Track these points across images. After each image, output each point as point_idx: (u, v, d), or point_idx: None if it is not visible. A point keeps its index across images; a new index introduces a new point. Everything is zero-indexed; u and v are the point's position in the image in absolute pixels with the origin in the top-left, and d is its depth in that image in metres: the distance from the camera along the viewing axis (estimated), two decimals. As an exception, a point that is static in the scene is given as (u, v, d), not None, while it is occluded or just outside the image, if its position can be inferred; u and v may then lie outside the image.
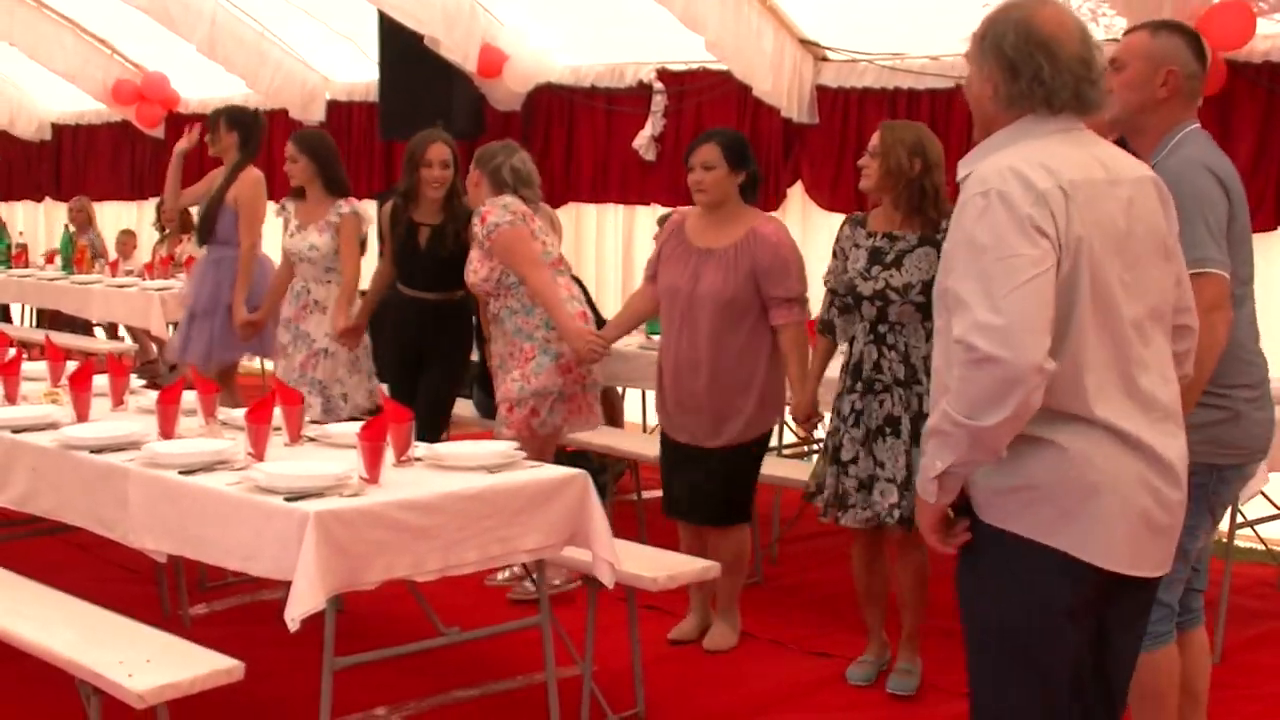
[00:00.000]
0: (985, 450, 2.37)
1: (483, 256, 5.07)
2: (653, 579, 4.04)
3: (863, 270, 4.31)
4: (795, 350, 4.62)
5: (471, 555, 3.53)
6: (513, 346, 5.11)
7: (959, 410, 2.35)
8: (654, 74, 8.06)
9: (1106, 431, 2.42)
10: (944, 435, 2.39)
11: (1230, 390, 3.15)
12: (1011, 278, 2.31)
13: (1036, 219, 2.36)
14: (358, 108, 9.83)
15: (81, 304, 9.16)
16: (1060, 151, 2.46)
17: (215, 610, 5.18)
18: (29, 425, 4.24)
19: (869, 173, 4.33)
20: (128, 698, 3.09)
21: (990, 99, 2.53)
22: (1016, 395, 2.29)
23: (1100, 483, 2.41)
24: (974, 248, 2.38)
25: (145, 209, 11.81)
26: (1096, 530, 2.41)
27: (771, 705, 4.37)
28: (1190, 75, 3.22)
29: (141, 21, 10.04)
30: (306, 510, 3.23)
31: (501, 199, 5.08)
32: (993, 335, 2.30)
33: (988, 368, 2.30)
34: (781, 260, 4.59)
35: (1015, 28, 2.49)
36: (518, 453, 3.83)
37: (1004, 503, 2.45)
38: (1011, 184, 2.37)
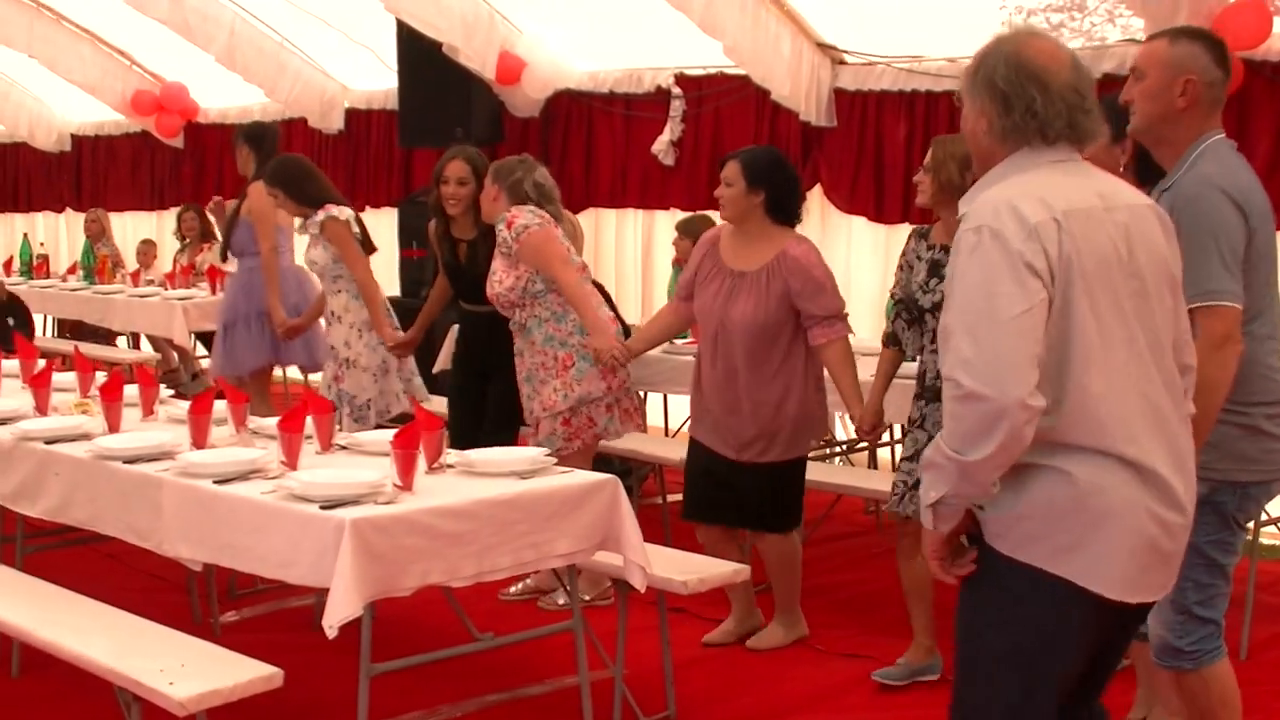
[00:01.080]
0: (974, 484, 2.41)
1: (508, 265, 5.03)
2: (683, 582, 4.07)
3: (922, 283, 4.37)
4: (842, 365, 4.64)
5: (505, 561, 3.57)
6: (545, 356, 5.06)
7: (949, 444, 2.38)
8: (672, 79, 8.08)
9: (1116, 461, 2.43)
10: (937, 468, 2.43)
11: (1249, 407, 3.12)
12: (995, 316, 2.34)
13: (1027, 255, 2.37)
14: (376, 115, 9.86)
15: (104, 314, 9.22)
16: (1055, 182, 2.47)
17: (245, 617, 5.22)
18: (61, 436, 4.29)
19: (924, 188, 4.36)
20: (169, 705, 3.12)
21: (985, 133, 2.54)
22: (1001, 430, 2.32)
23: (1108, 513, 2.42)
24: (964, 284, 2.41)
25: (165, 219, 11.86)
26: (1103, 560, 2.43)
27: (801, 707, 4.39)
28: (1211, 83, 3.15)
29: (160, 32, 10.08)
30: (343, 518, 3.26)
31: (527, 207, 5.10)
32: (976, 372, 2.32)
33: (972, 404, 2.33)
34: (815, 281, 4.61)
35: (1006, 60, 2.50)
36: (548, 459, 3.86)
37: (1014, 531, 2.47)
38: (1005, 220, 2.39)
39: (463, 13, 8.22)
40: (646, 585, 3.86)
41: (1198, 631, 3.18)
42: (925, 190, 4.35)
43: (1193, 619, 3.15)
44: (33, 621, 3.65)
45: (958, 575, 2.57)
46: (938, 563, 2.57)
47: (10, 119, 12.77)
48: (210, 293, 8.60)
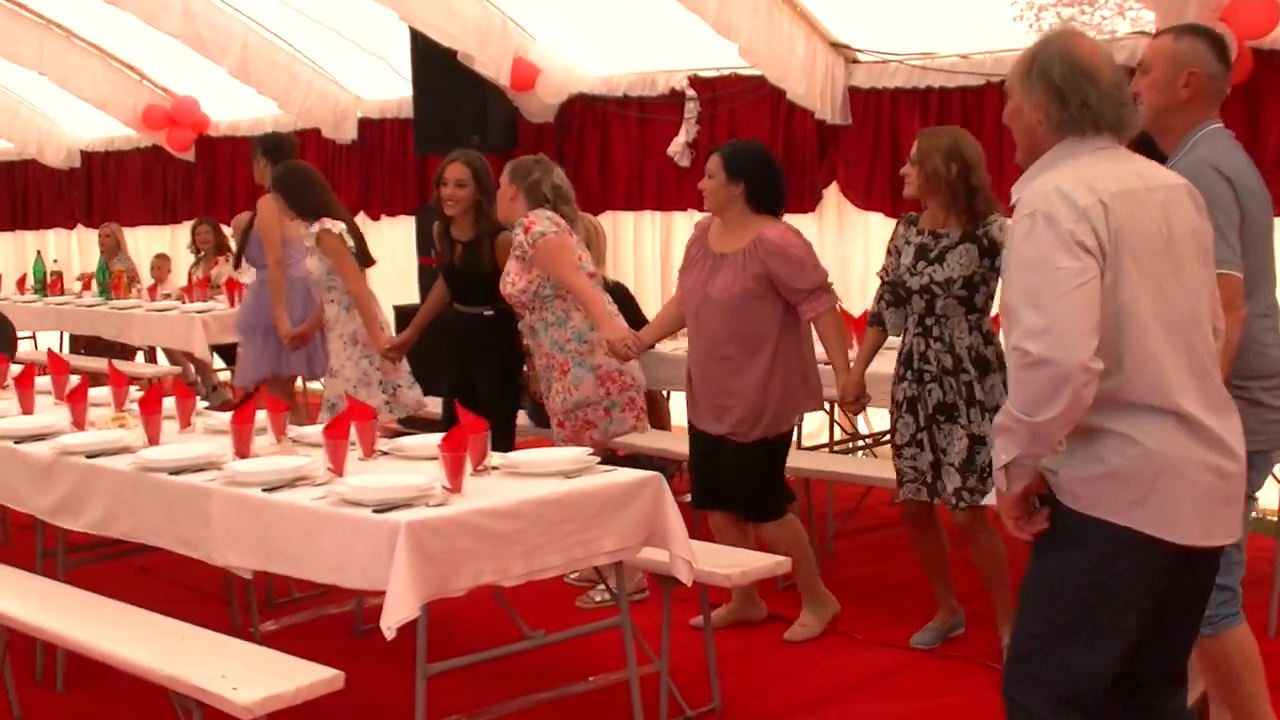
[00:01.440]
0: (1043, 443, 2.63)
1: (522, 268, 5.14)
2: (726, 575, 4.12)
3: (910, 266, 4.59)
4: (833, 335, 4.77)
5: (555, 559, 3.61)
6: (550, 359, 5.23)
7: (1018, 408, 2.61)
8: (685, 81, 8.11)
9: (1175, 418, 2.66)
10: (1008, 432, 2.65)
11: (1247, 381, 3.28)
12: (1055, 289, 2.58)
13: (1079, 234, 2.61)
14: (389, 125, 9.90)
15: (121, 329, 9.23)
16: (1100, 168, 2.70)
17: (284, 626, 5.25)
18: (102, 450, 4.33)
19: (910, 180, 4.59)
20: (234, 710, 3.16)
21: (1041, 125, 2.77)
22: (1066, 392, 2.55)
23: (1168, 467, 2.65)
24: (1022, 265, 2.65)
25: (178, 232, 11.91)
26: (1168, 509, 2.66)
27: (842, 695, 4.45)
28: (1212, 76, 3.38)
29: (169, 47, 10.12)
30: (397, 520, 3.30)
31: (544, 211, 5.18)
32: (1041, 340, 2.56)
33: (1039, 369, 2.56)
34: (792, 259, 4.72)
35: (1060, 59, 2.74)
36: (591, 458, 3.91)
37: (1085, 490, 2.68)
38: (1056, 204, 2.62)
39: (476, 20, 8.27)
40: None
41: (1215, 598, 3.24)
42: (912, 181, 4.58)
43: None
44: (87, 634, 3.68)
45: (1032, 533, 2.76)
46: (1013, 521, 2.76)
47: (19, 136, 12.82)
48: (228, 305, 8.64)
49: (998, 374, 4.52)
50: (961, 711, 4.25)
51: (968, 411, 4.52)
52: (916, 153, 4.56)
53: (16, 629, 4.01)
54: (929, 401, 4.57)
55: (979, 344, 4.56)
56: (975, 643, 4.69)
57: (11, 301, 10.28)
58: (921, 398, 4.58)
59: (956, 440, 4.53)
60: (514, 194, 5.24)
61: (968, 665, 4.63)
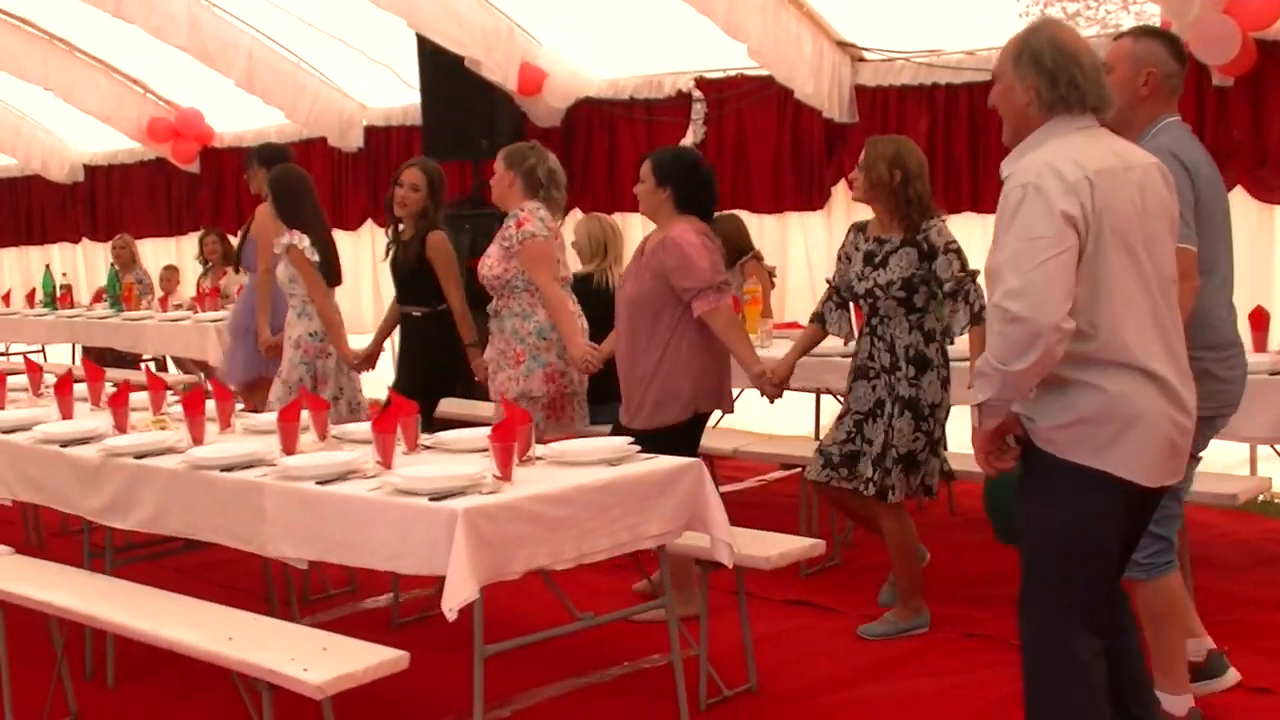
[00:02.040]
0: (1014, 390, 2.96)
1: (503, 256, 5.36)
2: (765, 558, 4.24)
3: (859, 272, 4.85)
4: (728, 329, 4.88)
5: (603, 543, 3.74)
6: (507, 346, 5.44)
7: (995, 357, 2.93)
8: (692, 83, 8.26)
9: (1142, 374, 2.99)
10: (985, 376, 2.98)
11: (1199, 351, 3.50)
12: (1035, 256, 2.88)
13: (1066, 208, 2.90)
14: (395, 132, 10.04)
15: (135, 340, 9.34)
16: (1084, 146, 2.99)
17: (321, 621, 5.32)
18: (150, 450, 4.44)
19: (858, 184, 4.86)
20: (306, 690, 3.27)
21: (1031, 105, 3.05)
22: (1039, 347, 2.85)
23: (1136, 416, 2.98)
24: (1009, 232, 2.93)
25: (184, 244, 12.02)
26: (1133, 454, 3.00)
27: (872, 675, 4.57)
28: (1168, 75, 3.73)
29: (173, 60, 10.25)
30: (455, 508, 3.42)
31: (540, 209, 5.39)
32: (1019, 300, 2.87)
33: (1016, 325, 2.87)
34: (684, 258, 4.79)
35: (1049, 44, 3.04)
36: (632, 446, 4.03)
37: (1059, 436, 3.02)
38: (1046, 178, 2.91)
39: (484, 28, 8.41)
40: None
41: (1152, 546, 3.67)
42: (859, 186, 4.84)
43: (1148, 535, 3.52)
44: (151, 624, 3.78)
45: (1000, 469, 3.12)
46: (984, 456, 3.11)
47: (22, 152, 12.92)
48: (239, 314, 8.73)
49: (934, 371, 4.78)
50: (985, 688, 4.38)
51: (892, 408, 4.77)
52: (864, 159, 4.80)
53: (78, 622, 4.12)
54: (867, 398, 4.85)
55: (919, 342, 4.78)
56: (998, 623, 4.81)
57: (22, 315, 10.39)
58: (857, 392, 4.88)
59: (878, 435, 4.79)
60: (511, 180, 5.44)
61: (991, 644, 4.76)
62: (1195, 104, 6.48)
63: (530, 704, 4.32)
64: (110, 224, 12.51)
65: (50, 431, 4.77)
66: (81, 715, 4.40)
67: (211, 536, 4.19)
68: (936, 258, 4.68)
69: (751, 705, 4.32)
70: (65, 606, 4.03)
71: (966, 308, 4.68)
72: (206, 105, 11.27)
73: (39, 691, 4.34)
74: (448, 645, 4.51)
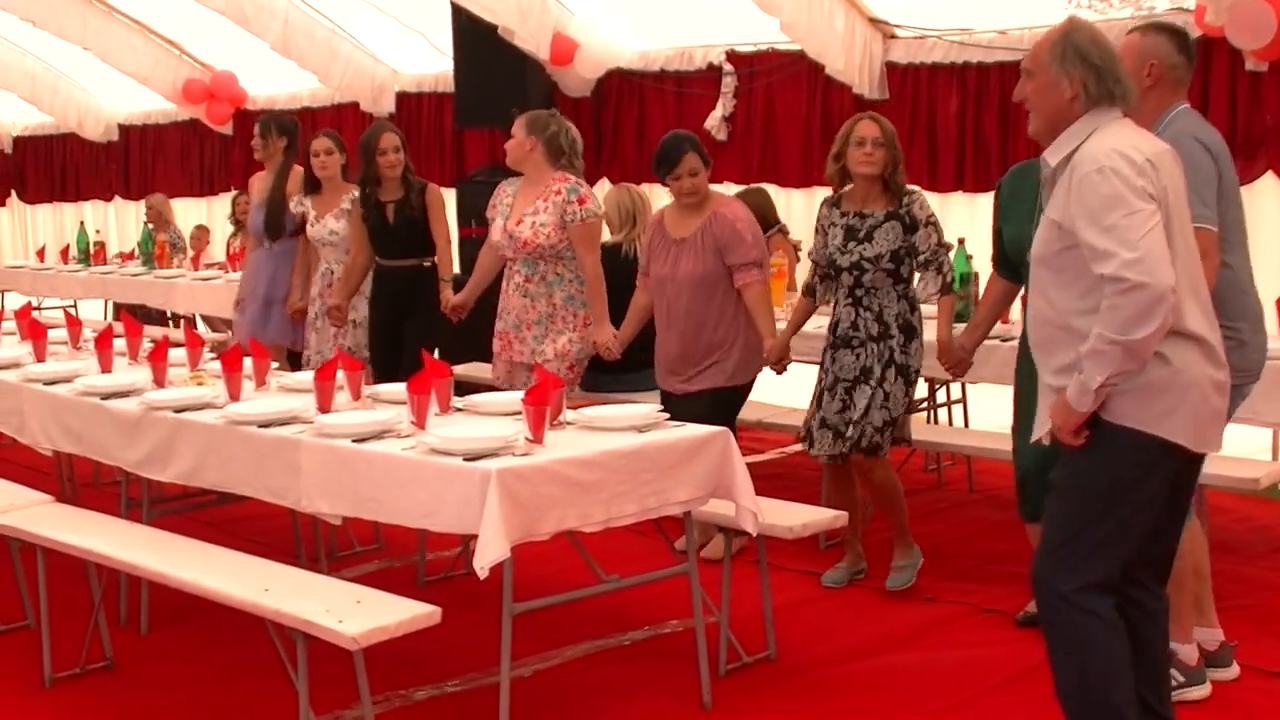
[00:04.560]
0: (1137, 359, 3.05)
1: (558, 226, 5.48)
2: (788, 528, 4.33)
3: (840, 245, 5.04)
4: (759, 305, 5.23)
5: (631, 507, 3.82)
6: (565, 313, 5.60)
7: (1114, 330, 3.02)
8: (723, 56, 8.30)
9: (1195, 342, 3.15)
10: (1100, 354, 3.05)
11: (1236, 323, 3.75)
12: (1139, 227, 3.03)
13: (1146, 186, 3.07)
14: (427, 98, 10.11)
15: (166, 298, 9.48)
16: (1131, 135, 3.17)
17: (348, 577, 5.43)
18: (189, 405, 4.54)
19: (874, 160, 4.97)
20: (341, 640, 3.37)
21: (1078, 99, 3.19)
22: (1161, 310, 3.00)
23: (1190, 384, 3.14)
24: (1103, 211, 3.05)
25: (215, 204, 12.14)
26: (1189, 421, 3.15)
27: (888, 646, 4.65)
28: (1172, 66, 3.88)
29: (208, 23, 10.33)
30: (488, 468, 3.51)
31: (584, 185, 5.56)
32: (1138, 268, 3.00)
33: (1137, 293, 2.99)
34: (737, 233, 5.18)
35: (1092, 41, 3.22)
36: (661, 414, 4.11)
37: (1121, 403, 3.13)
38: (1119, 161, 3.07)
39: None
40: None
41: None
42: (876, 162, 5.00)
43: None
44: (191, 572, 3.89)
45: (1082, 442, 3.18)
46: (1073, 434, 3.17)
47: (60, 111, 13.03)
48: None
49: (919, 339, 5.06)
50: (1002, 662, 4.45)
51: (883, 373, 5.00)
52: (882, 136, 4.96)
53: (118, 569, 4.24)
54: (852, 366, 5.04)
55: (905, 311, 5.05)
56: (1016, 599, 4.89)
57: (56, 271, 10.53)
58: (841, 361, 5.06)
59: (864, 398, 5.00)
60: (532, 145, 5.57)
61: (1008, 619, 4.84)
62: (1228, 89, 6.50)
63: (552, 664, 4.44)
64: (143, 183, 12.63)
65: (91, 384, 4.88)
66: (116, 661, 4.52)
67: (247, 490, 4.29)
68: (918, 230, 4.96)
69: (770, 672, 4.41)
70: (108, 555, 4.15)
71: (939, 278, 5.00)
72: (241, 68, 11.36)
73: (75, 638, 4.46)
74: (471, 604, 4.63)
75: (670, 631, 4.66)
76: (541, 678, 4.35)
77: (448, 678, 4.33)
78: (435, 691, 4.25)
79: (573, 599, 4.24)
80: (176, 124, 12.35)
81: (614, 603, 4.79)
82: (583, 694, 4.26)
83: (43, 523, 4.47)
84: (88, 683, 4.40)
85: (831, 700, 4.19)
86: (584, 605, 4.58)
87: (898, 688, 4.27)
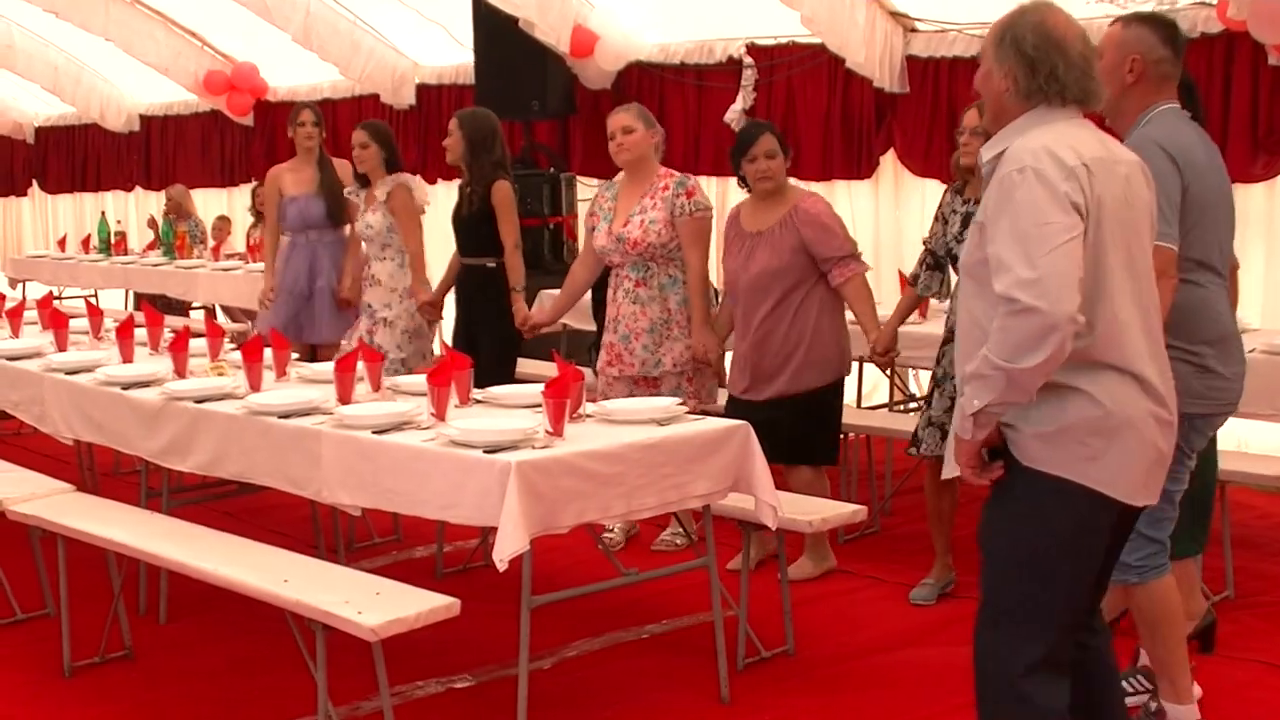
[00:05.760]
0: (1020, 391, 2.70)
1: (668, 222, 5.29)
2: (808, 522, 4.31)
3: (957, 234, 4.77)
4: (860, 298, 5.08)
5: (651, 501, 3.82)
6: (679, 315, 5.36)
7: (999, 355, 2.67)
8: (743, 49, 8.28)
9: (1131, 378, 2.79)
10: (983, 378, 2.72)
11: (1198, 346, 3.47)
12: (1047, 242, 2.66)
13: (1070, 193, 2.70)
14: (447, 90, 10.10)
15: (187, 288, 9.50)
16: (1074, 134, 2.81)
17: (366, 568, 5.46)
18: (210, 395, 4.55)
19: (970, 149, 4.75)
20: (360, 632, 3.37)
21: (1009, 92, 2.87)
22: (1053, 341, 2.63)
23: (1124, 426, 2.78)
24: (1013, 217, 2.71)
25: (235, 195, 12.18)
26: (1120, 468, 2.79)
27: (906, 642, 4.64)
28: (1157, 60, 3.55)
29: (229, 14, 10.35)
30: (508, 461, 3.50)
31: (696, 182, 5.45)
32: (1032, 289, 2.64)
33: (1027, 317, 2.64)
34: (824, 226, 5.05)
35: (1033, 30, 2.85)
36: (680, 407, 4.11)
37: (1041, 447, 2.79)
38: (1045, 162, 2.72)
39: (538, -11, 8.45)
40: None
41: (1145, 549, 3.53)
42: (972, 152, 4.70)
43: (1141, 537, 3.44)
44: (212, 563, 3.90)
45: (989, 480, 2.87)
46: (970, 470, 2.86)
47: (82, 101, 13.07)
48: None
49: None
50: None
51: None
52: (979, 124, 4.67)
53: (137, 559, 4.26)
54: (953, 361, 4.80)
55: None
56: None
57: (78, 260, 10.57)
58: (950, 356, 4.72)
59: None
60: (655, 139, 5.43)
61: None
62: (1250, 84, 6.46)
63: (570, 656, 4.45)
64: (164, 174, 12.67)
65: (112, 374, 4.90)
66: (135, 650, 4.53)
67: (268, 480, 4.30)
68: None
69: (789, 667, 4.40)
70: (128, 544, 4.16)
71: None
72: (262, 60, 11.37)
73: (95, 627, 4.48)
74: (489, 596, 4.63)
75: (689, 625, 4.67)
76: (560, 670, 4.36)
77: (465, 669, 4.34)
78: (453, 683, 4.26)
79: (591, 592, 4.23)
80: (197, 115, 12.38)
81: (633, 596, 4.80)
82: (601, 687, 4.26)
83: (63, 512, 4.49)
84: (107, 671, 4.43)
85: (850, 695, 4.18)
86: (602, 598, 4.59)
87: (917, 683, 4.25)
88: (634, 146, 5.36)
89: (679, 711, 4.07)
